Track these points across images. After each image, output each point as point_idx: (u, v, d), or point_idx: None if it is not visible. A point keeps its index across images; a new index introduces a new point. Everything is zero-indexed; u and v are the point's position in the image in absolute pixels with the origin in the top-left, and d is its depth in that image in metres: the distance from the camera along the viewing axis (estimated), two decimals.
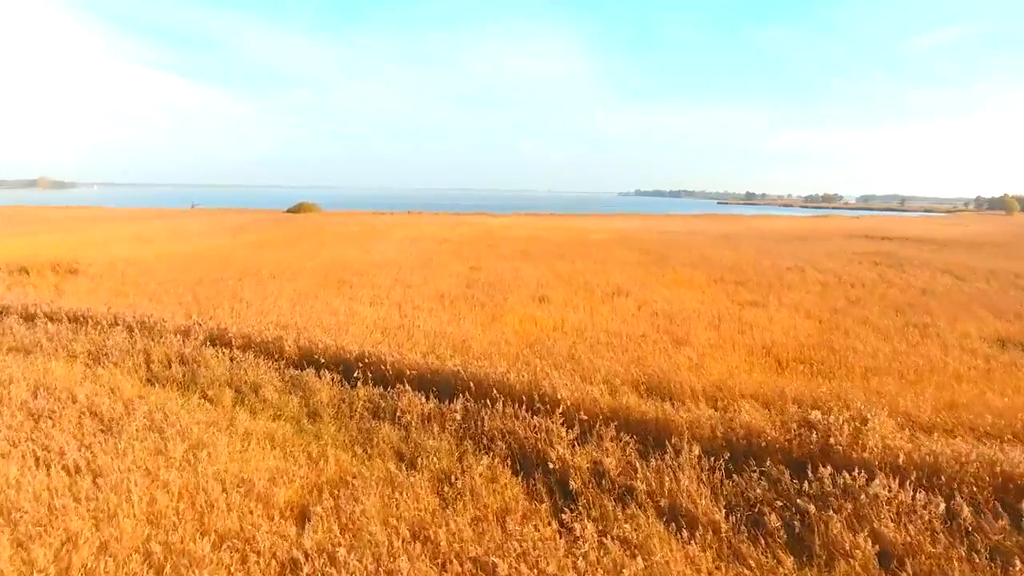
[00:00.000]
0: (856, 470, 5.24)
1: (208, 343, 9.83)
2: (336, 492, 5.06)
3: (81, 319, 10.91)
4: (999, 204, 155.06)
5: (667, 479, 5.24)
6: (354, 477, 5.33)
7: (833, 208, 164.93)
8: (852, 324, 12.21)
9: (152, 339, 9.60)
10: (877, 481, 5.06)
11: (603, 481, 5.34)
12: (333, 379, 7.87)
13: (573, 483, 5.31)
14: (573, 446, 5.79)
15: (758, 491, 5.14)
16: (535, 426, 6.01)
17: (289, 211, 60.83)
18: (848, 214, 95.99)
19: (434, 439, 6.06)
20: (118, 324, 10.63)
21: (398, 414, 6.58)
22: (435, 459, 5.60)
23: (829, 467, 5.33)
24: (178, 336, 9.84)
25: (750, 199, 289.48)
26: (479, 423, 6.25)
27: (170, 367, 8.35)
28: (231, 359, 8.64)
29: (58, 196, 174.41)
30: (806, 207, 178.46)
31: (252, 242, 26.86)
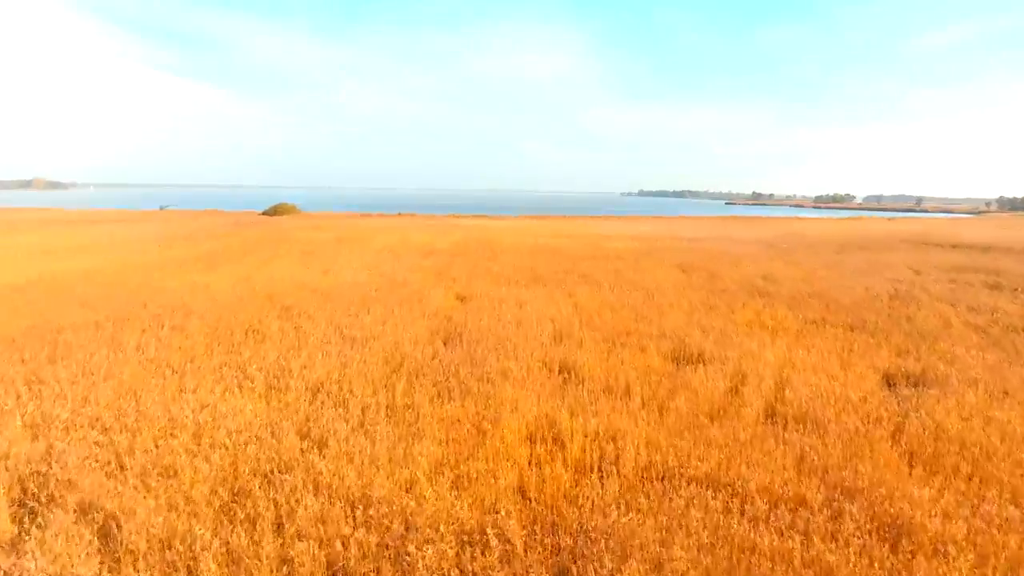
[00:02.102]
0: None
1: None
2: None
3: None
4: (1022, 204, 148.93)
5: None
6: None
7: (848, 209, 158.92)
8: None
9: None
10: None
11: None
12: None
13: None
14: None
15: None
16: None
17: (264, 213, 54.95)
18: (878, 215, 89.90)
19: None
20: None
21: None
22: None
23: None
24: None
25: (757, 199, 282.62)
26: None
27: None
28: None
29: (47, 196, 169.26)
30: (818, 207, 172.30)
31: (181, 257, 21.10)
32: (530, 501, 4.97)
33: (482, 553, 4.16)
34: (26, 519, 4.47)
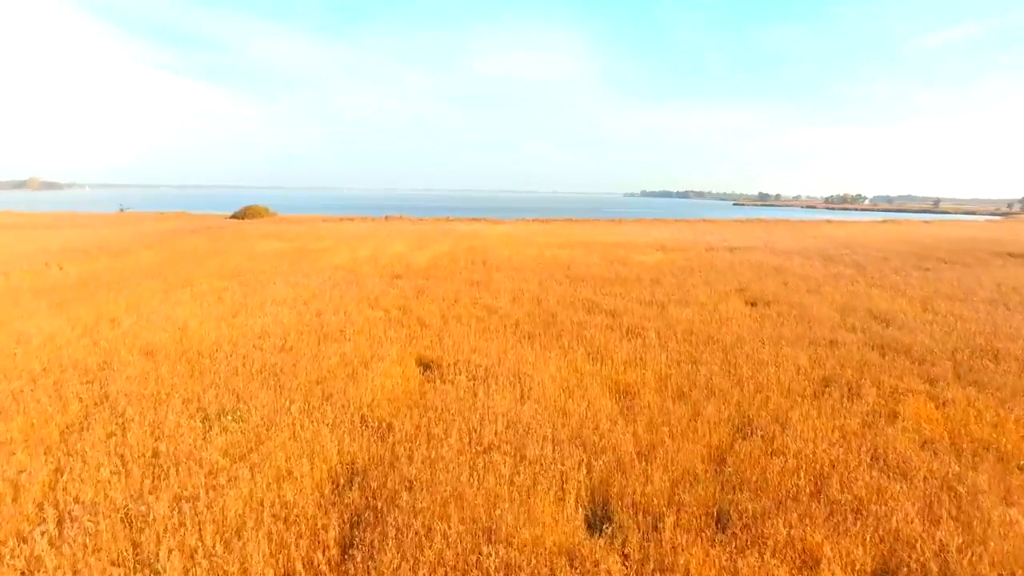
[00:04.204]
0: None
1: None
2: None
3: None
4: None
5: None
6: None
7: (864, 211, 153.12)
8: None
9: None
10: None
11: None
12: None
13: None
14: None
15: None
16: None
17: (233, 216, 49.40)
18: (907, 217, 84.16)
19: None
20: None
21: None
22: None
23: None
24: None
25: (764, 200, 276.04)
26: None
27: None
28: None
29: (34, 197, 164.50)
30: (831, 208, 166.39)
31: (51, 283, 15.41)
32: None
33: None
34: None
